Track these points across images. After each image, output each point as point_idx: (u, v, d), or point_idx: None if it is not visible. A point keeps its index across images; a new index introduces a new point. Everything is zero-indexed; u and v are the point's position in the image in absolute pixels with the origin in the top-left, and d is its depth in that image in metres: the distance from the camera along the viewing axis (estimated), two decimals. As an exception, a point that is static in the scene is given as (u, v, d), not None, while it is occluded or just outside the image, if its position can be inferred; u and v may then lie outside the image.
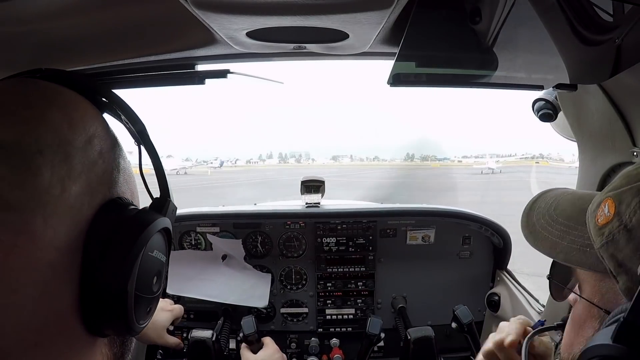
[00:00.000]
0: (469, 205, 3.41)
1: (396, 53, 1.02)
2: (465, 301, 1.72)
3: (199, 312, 2.04)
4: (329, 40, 0.97)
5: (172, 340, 1.64)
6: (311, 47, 1.06)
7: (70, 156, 0.47)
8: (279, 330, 2.09)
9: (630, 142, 1.08)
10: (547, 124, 1.34)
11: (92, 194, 0.48)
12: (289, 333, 2.10)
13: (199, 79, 1.15)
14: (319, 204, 2.13)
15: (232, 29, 0.87)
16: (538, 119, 1.29)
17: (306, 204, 2.13)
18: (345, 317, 2.10)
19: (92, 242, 0.47)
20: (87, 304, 0.47)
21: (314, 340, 2.05)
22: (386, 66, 1.10)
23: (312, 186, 2.10)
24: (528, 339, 0.88)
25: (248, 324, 1.56)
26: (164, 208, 0.55)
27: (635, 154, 1.08)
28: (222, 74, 1.12)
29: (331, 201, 2.32)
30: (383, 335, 1.67)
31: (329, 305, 2.10)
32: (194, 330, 1.63)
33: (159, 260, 0.54)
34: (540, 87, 1.21)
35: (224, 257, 2.06)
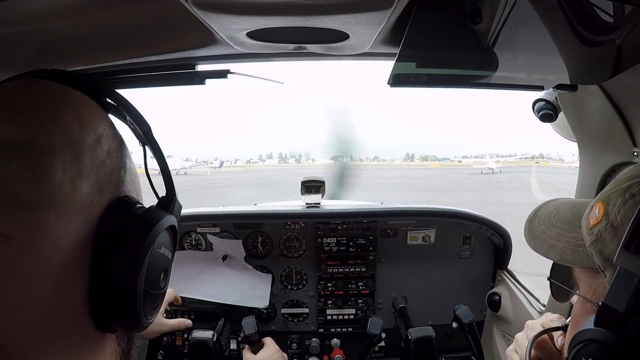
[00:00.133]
0: (469, 205, 3.41)
1: (396, 53, 1.02)
2: (465, 301, 1.72)
3: (199, 312, 2.04)
4: (329, 41, 0.97)
5: (173, 322, 1.64)
6: (311, 48, 1.06)
7: (80, 155, 0.48)
8: (280, 331, 2.09)
9: (630, 142, 1.08)
10: (548, 124, 1.34)
11: (101, 192, 0.49)
12: (289, 333, 2.10)
13: (199, 79, 1.15)
14: (319, 204, 2.13)
15: (233, 29, 0.87)
16: (538, 120, 1.29)
17: (306, 204, 2.13)
18: (346, 317, 2.10)
19: (102, 239, 0.48)
20: (97, 299, 0.48)
21: (315, 341, 2.05)
22: (386, 66, 1.10)
23: (312, 186, 2.10)
24: (532, 341, 0.89)
25: (249, 325, 1.56)
26: (170, 206, 0.57)
27: (636, 154, 1.08)
28: (222, 74, 1.12)
29: (331, 201, 2.32)
30: (384, 335, 1.67)
31: (330, 306, 2.10)
32: (194, 331, 1.63)
33: (166, 257, 0.55)
34: (541, 88, 1.21)
35: (224, 258, 2.06)
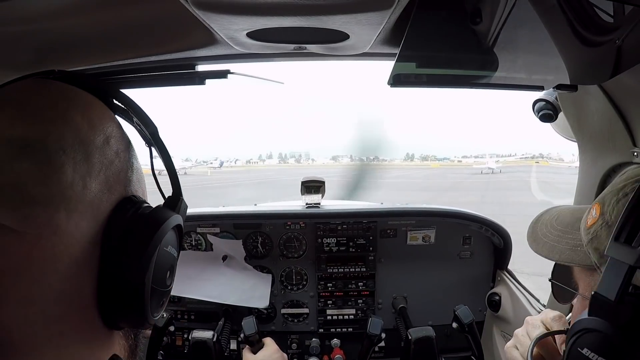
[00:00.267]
0: (469, 205, 3.42)
1: (397, 54, 1.02)
2: (465, 301, 1.72)
3: (199, 312, 2.04)
4: (329, 41, 0.97)
5: None
6: (311, 48, 1.06)
7: (90, 155, 0.49)
8: (280, 331, 2.09)
9: (630, 142, 1.08)
10: (548, 124, 1.34)
11: (110, 191, 0.51)
12: (289, 334, 2.10)
13: (199, 79, 1.15)
14: (319, 204, 2.13)
15: (233, 29, 0.87)
16: (538, 120, 1.29)
17: (306, 204, 2.13)
18: (346, 317, 2.10)
19: (110, 237, 0.49)
20: (105, 296, 0.49)
21: (315, 341, 2.05)
22: (386, 67, 1.10)
23: (312, 186, 2.10)
24: (534, 343, 0.89)
25: (249, 325, 1.56)
26: (177, 206, 0.58)
27: (636, 154, 1.08)
28: (222, 74, 1.12)
29: (331, 201, 2.32)
30: (384, 335, 1.67)
31: (330, 306, 2.10)
32: (194, 331, 1.62)
33: (172, 255, 0.56)
34: (541, 88, 1.21)
35: (224, 258, 2.06)
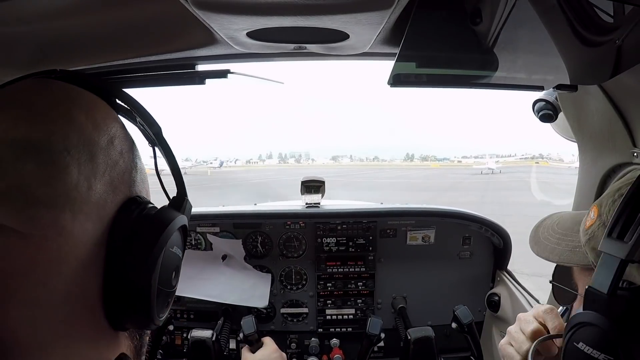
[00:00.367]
0: (468, 205, 3.42)
1: (396, 53, 1.02)
2: (465, 301, 1.72)
3: (199, 312, 2.04)
4: (329, 41, 0.97)
5: None
6: (311, 48, 1.06)
7: (94, 155, 0.49)
8: (279, 331, 2.09)
9: (630, 142, 1.08)
10: (548, 124, 1.34)
11: (114, 192, 0.50)
12: (289, 333, 2.10)
13: (199, 79, 1.15)
14: (319, 204, 2.13)
15: (233, 29, 0.87)
16: (538, 120, 1.29)
17: (306, 204, 2.13)
18: (346, 317, 2.10)
19: (116, 238, 0.49)
20: (111, 297, 0.49)
21: (314, 341, 2.05)
22: (386, 66, 1.10)
23: (312, 186, 2.10)
24: (535, 345, 0.89)
25: (248, 324, 1.56)
26: (182, 206, 0.58)
27: (636, 154, 1.08)
28: (222, 74, 1.12)
29: (331, 201, 2.32)
30: (383, 335, 1.67)
31: (329, 306, 2.10)
32: (193, 330, 1.62)
33: (178, 255, 0.56)
34: (541, 88, 1.21)
35: (224, 257, 2.06)
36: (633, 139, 1.08)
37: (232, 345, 1.95)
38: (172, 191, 0.60)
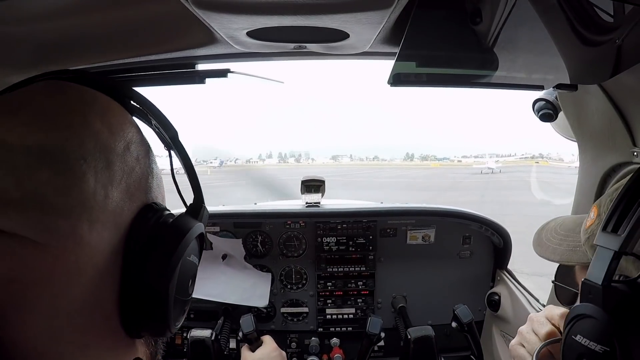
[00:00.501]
0: (469, 205, 3.42)
1: (396, 53, 1.02)
2: (465, 301, 1.72)
3: (199, 311, 2.04)
4: (329, 40, 0.97)
5: None
6: (311, 47, 1.06)
7: (111, 162, 0.47)
8: (279, 330, 2.10)
9: (630, 142, 1.08)
10: (548, 124, 1.34)
11: (131, 199, 0.49)
12: (289, 333, 2.10)
13: (199, 78, 1.15)
14: (319, 203, 2.13)
15: (233, 28, 0.87)
16: (538, 119, 1.29)
17: (306, 203, 2.14)
18: (346, 316, 2.10)
19: (132, 247, 0.48)
20: (128, 306, 0.48)
21: (314, 340, 2.05)
22: (386, 66, 1.09)
23: (313, 186, 2.11)
24: (542, 347, 0.89)
25: (247, 322, 1.55)
26: (199, 214, 0.57)
27: (636, 153, 1.08)
28: (222, 73, 1.12)
29: (331, 201, 2.32)
30: (383, 335, 1.67)
31: (329, 305, 2.10)
32: (192, 330, 1.62)
33: (195, 264, 0.56)
34: (541, 87, 1.21)
35: (224, 257, 2.06)
36: (633, 138, 1.08)
37: (233, 344, 1.96)
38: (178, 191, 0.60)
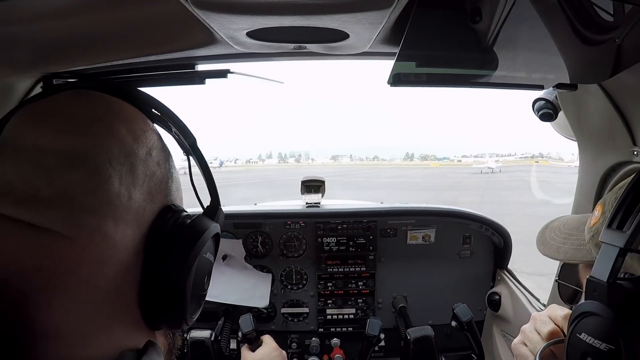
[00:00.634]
0: (469, 204, 3.43)
1: (396, 53, 1.02)
2: (466, 300, 1.72)
3: None
4: (329, 40, 0.97)
5: None
6: (311, 47, 1.06)
7: (134, 167, 0.52)
8: (280, 330, 2.10)
9: (630, 141, 1.08)
10: (547, 123, 1.34)
11: (152, 200, 0.54)
12: (289, 333, 2.10)
13: (199, 79, 1.14)
14: (319, 203, 2.13)
15: (233, 28, 0.86)
16: (538, 119, 1.29)
17: (306, 203, 2.14)
18: (346, 317, 2.10)
19: (153, 244, 0.52)
20: (148, 299, 0.53)
21: (315, 340, 2.05)
22: (386, 66, 1.10)
23: (313, 186, 2.10)
24: (545, 346, 0.89)
25: (246, 322, 1.55)
26: (215, 215, 0.62)
27: (636, 153, 1.08)
28: (222, 73, 1.11)
29: (331, 201, 2.32)
30: (383, 336, 1.66)
31: (330, 305, 2.10)
32: (192, 331, 1.62)
33: (211, 261, 0.60)
34: (541, 87, 1.20)
35: (224, 257, 2.06)
36: (633, 137, 1.08)
37: (233, 345, 1.95)
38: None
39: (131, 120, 0.56)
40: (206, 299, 1.94)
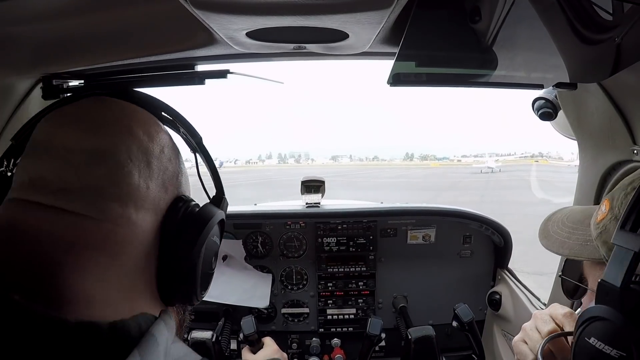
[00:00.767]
0: (469, 204, 3.43)
1: (396, 53, 1.02)
2: (466, 300, 1.72)
3: (199, 312, 2.03)
4: (329, 40, 0.97)
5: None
6: (311, 47, 1.06)
7: (150, 162, 0.60)
8: (280, 331, 2.10)
9: (630, 140, 1.08)
10: (547, 122, 1.34)
11: (166, 191, 0.61)
12: (290, 333, 2.10)
13: (199, 79, 1.14)
14: (319, 204, 2.13)
15: (232, 29, 0.87)
16: (538, 118, 1.29)
17: (306, 204, 2.13)
18: (347, 317, 2.10)
19: (168, 229, 0.60)
20: (164, 277, 0.60)
21: (315, 341, 2.05)
22: (386, 66, 1.10)
23: (312, 186, 2.10)
24: (545, 342, 0.89)
25: (248, 324, 1.55)
26: (221, 203, 0.71)
27: (636, 152, 1.08)
28: (222, 74, 1.11)
29: (331, 201, 2.32)
30: (384, 335, 1.66)
31: (330, 305, 2.10)
32: (193, 332, 1.62)
33: (217, 243, 0.68)
34: (540, 86, 1.21)
35: (224, 258, 2.06)
36: (633, 136, 1.08)
37: (234, 345, 1.95)
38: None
39: (145, 122, 0.63)
40: (207, 299, 1.94)
